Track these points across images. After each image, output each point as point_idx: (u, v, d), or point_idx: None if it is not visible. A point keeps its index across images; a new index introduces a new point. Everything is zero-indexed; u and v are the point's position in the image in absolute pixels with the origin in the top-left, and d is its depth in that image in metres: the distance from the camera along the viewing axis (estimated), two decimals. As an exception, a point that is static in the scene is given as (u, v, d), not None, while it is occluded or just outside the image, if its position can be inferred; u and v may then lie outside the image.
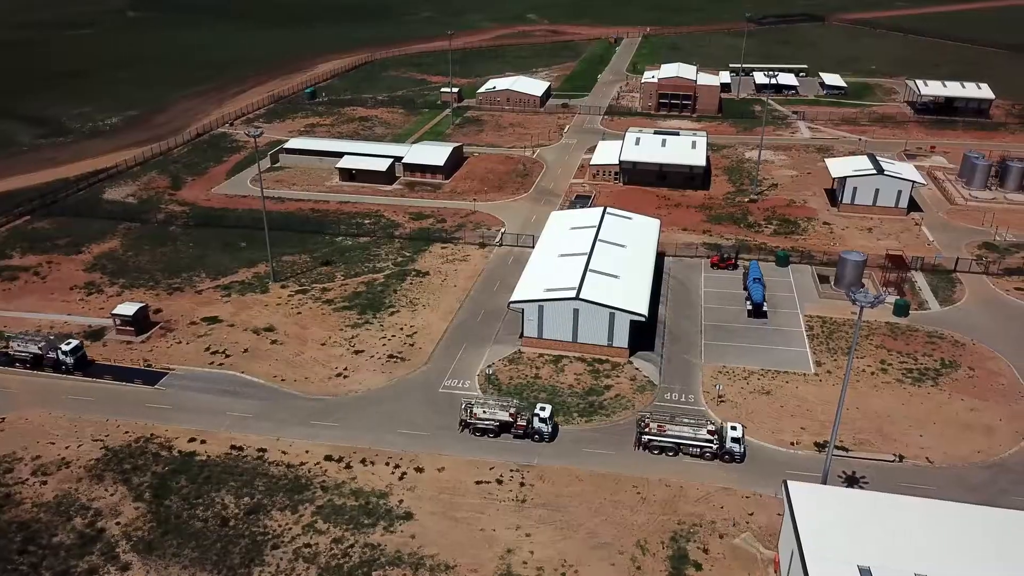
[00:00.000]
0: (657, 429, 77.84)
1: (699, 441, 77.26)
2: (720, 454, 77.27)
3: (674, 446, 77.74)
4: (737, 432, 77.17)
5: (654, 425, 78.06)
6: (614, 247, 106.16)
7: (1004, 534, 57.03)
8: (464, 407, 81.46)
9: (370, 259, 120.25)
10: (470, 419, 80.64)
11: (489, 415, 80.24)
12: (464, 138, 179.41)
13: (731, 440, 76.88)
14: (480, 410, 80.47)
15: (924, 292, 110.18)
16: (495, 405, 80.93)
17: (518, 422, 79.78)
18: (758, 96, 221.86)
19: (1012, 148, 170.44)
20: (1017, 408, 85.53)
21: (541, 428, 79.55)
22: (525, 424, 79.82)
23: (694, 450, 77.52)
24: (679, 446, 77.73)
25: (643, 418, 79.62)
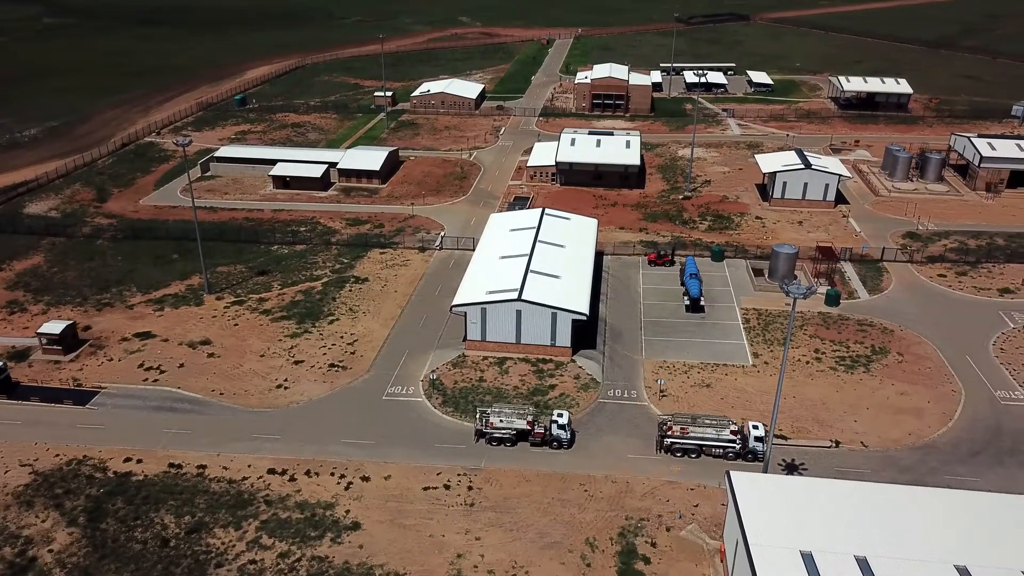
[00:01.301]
0: (680, 432, 77.71)
1: (722, 442, 77.25)
2: (743, 453, 77.37)
3: (697, 448, 77.92)
4: (759, 431, 77.07)
5: (677, 428, 77.84)
6: (554, 247, 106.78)
7: (936, 512, 59.16)
8: (479, 416, 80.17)
9: (307, 267, 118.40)
10: (486, 429, 79.17)
11: (506, 424, 78.78)
12: (399, 142, 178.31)
13: (754, 439, 76.87)
14: (497, 419, 78.94)
15: (853, 282, 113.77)
16: (512, 413, 79.30)
17: (535, 430, 78.73)
18: (689, 95, 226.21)
19: (930, 140, 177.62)
20: (943, 390, 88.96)
21: (560, 435, 78.64)
22: (543, 432, 78.90)
23: (716, 451, 77.61)
24: (701, 447, 77.93)
25: (665, 421, 79.32)
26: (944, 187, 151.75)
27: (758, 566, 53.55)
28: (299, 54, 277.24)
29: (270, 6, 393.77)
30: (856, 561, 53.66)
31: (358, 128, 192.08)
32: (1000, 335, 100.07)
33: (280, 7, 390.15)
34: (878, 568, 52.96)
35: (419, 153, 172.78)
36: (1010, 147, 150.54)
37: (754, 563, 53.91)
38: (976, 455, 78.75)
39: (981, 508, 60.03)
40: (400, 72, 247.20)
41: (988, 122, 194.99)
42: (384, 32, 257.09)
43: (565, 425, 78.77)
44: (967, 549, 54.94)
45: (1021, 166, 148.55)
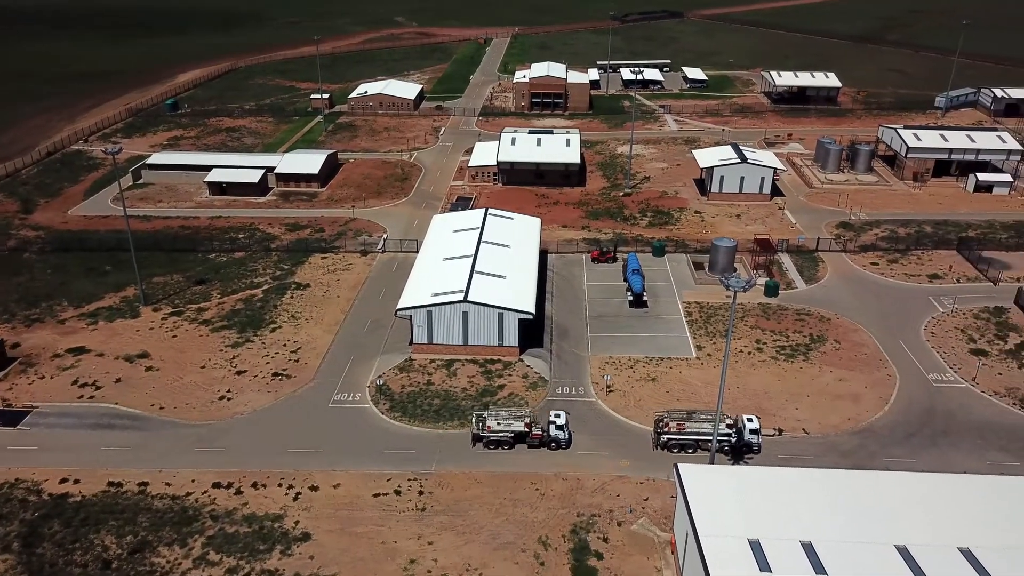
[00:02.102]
0: (676, 428, 78.14)
1: (719, 435, 77.72)
2: (739, 447, 78.06)
3: (693, 443, 78.37)
4: (754, 424, 77.83)
5: (673, 424, 78.35)
6: (498, 247, 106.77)
7: (877, 495, 60.97)
8: (475, 420, 79.60)
9: (247, 275, 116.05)
10: (483, 432, 78.51)
11: (504, 427, 78.32)
12: (338, 144, 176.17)
13: (749, 432, 77.56)
14: (494, 422, 78.38)
15: (791, 272, 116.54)
16: (509, 416, 78.77)
17: (533, 431, 78.35)
18: (626, 92, 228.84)
19: (859, 133, 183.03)
20: (879, 375, 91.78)
21: (559, 436, 78.35)
22: (541, 433, 78.56)
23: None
24: (698, 442, 78.37)
25: (661, 418, 79.62)
26: (874, 177, 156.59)
27: (708, 556, 54.39)
28: (232, 57, 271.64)
29: (199, 8, 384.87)
30: (802, 546, 54.91)
31: (295, 131, 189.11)
32: (930, 319, 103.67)
33: (210, 9, 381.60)
34: (823, 552, 54.31)
35: (358, 155, 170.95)
36: (934, 137, 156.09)
37: (704, 553, 54.74)
38: (912, 437, 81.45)
39: (919, 489, 62.06)
40: (336, 74, 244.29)
41: (913, 113, 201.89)
42: (319, 33, 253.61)
43: (563, 425, 78.74)
44: (907, 529, 56.72)
45: (945, 156, 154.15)
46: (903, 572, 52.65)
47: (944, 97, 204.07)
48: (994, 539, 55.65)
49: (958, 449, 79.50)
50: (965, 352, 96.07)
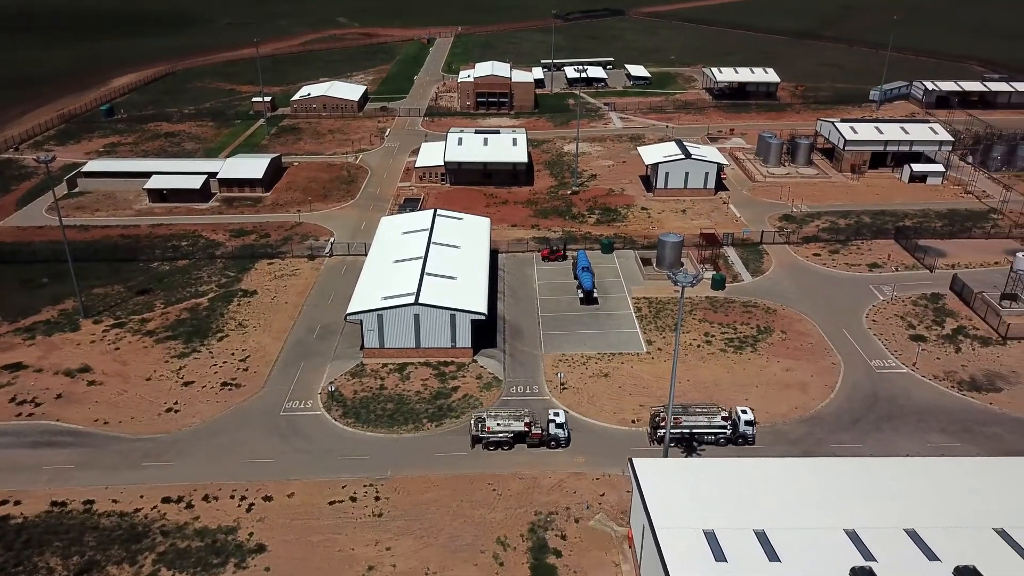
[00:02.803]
0: (673, 422, 78.60)
1: (714, 428, 78.84)
2: (734, 438, 79.14)
3: (689, 436, 79.11)
4: (749, 415, 79.38)
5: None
6: (448, 248, 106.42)
7: (826, 481, 62.46)
8: (474, 422, 79.18)
9: (191, 283, 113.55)
10: (482, 433, 78.10)
11: (503, 427, 78.06)
12: (282, 148, 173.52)
13: (744, 424, 78.88)
14: (493, 423, 78.04)
15: (737, 265, 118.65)
16: (508, 416, 78.69)
17: (533, 431, 78.25)
18: (571, 90, 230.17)
19: (799, 126, 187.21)
20: (824, 364, 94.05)
21: (558, 434, 78.50)
22: (541, 432, 78.58)
23: (708, 437, 79.12)
24: (693, 436, 79.13)
25: (658, 412, 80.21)
26: (813, 170, 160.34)
27: (664, 549, 55.03)
28: (169, 60, 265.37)
29: (133, 10, 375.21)
30: (756, 535, 55.95)
31: (237, 135, 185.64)
32: (871, 307, 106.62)
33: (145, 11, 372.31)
34: (775, 540, 55.42)
35: (303, 158, 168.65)
36: (870, 130, 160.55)
37: (661, 546, 55.36)
38: (857, 422, 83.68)
39: (865, 473, 63.75)
40: (278, 76, 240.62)
41: (849, 107, 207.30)
42: (259, 35, 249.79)
43: (563, 424, 78.90)
44: (855, 513, 58.21)
45: (881, 148, 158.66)
46: (852, 555, 54.04)
47: (878, 91, 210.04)
48: (937, 519, 57.47)
49: (901, 433, 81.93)
50: (905, 338, 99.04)
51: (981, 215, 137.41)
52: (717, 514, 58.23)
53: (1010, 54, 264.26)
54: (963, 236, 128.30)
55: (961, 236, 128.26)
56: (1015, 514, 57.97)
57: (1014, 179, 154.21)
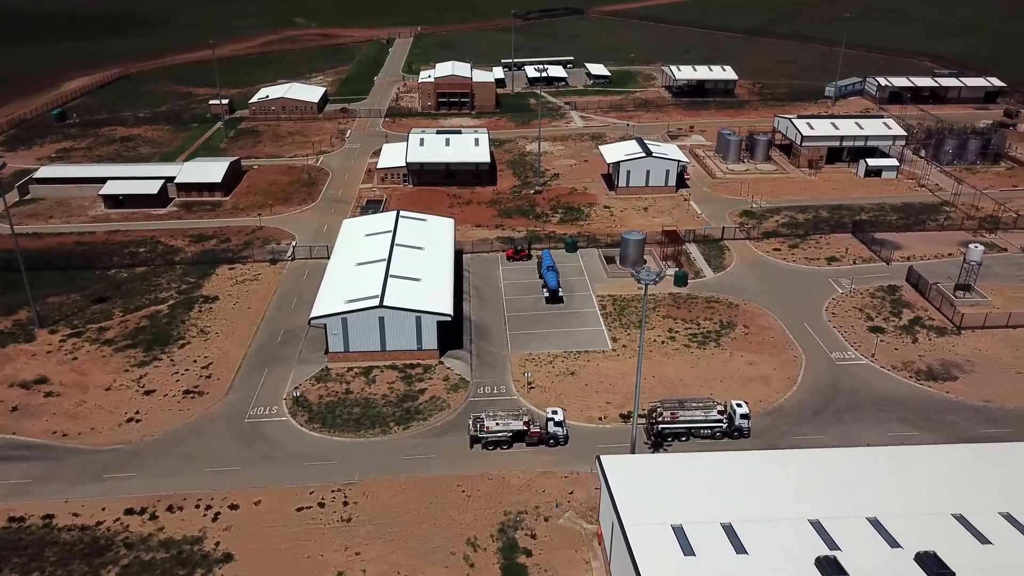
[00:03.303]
0: (671, 417, 79.40)
1: (710, 422, 79.69)
2: (730, 432, 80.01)
3: (686, 431, 79.77)
4: (744, 408, 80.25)
5: (667, 414, 79.70)
6: (412, 250, 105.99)
7: (790, 472, 63.50)
8: (473, 422, 79.16)
9: (151, 290, 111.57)
10: (481, 433, 78.04)
11: (503, 426, 78.18)
12: (241, 151, 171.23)
13: (740, 417, 79.83)
14: (492, 422, 78.17)
15: (699, 262, 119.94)
16: (507, 415, 79.06)
17: (532, 430, 78.51)
18: (532, 89, 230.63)
19: (757, 123, 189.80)
20: (786, 357, 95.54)
21: (557, 432, 78.93)
22: (540, 431, 78.73)
23: (705, 431, 79.92)
24: (690, 430, 79.81)
25: (654, 408, 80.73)
26: (772, 166, 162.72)
27: (634, 545, 55.51)
28: (123, 63, 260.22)
29: (84, 12, 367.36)
30: (723, 528, 56.69)
31: (195, 139, 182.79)
32: (831, 300, 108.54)
33: (96, 13, 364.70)
34: (742, 532, 56.21)
35: (263, 161, 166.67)
36: (826, 126, 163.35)
37: (630, 542, 55.84)
38: (819, 414, 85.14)
39: (828, 464, 64.94)
40: (236, 78, 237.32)
41: (805, 103, 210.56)
42: (215, 36, 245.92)
43: (561, 422, 79.24)
44: (819, 503, 59.27)
45: (837, 143, 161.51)
46: (817, 544, 55.02)
47: (833, 87, 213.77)
48: (898, 507, 58.76)
49: (861, 423, 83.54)
50: (864, 330, 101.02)
51: (934, 208, 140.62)
52: (685, 509, 58.89)
53: (959, 50, 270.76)
54: (917, 229, 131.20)
55: (916, 229, 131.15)
56: (972, 499, 59.52)
57: (965, 172, 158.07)
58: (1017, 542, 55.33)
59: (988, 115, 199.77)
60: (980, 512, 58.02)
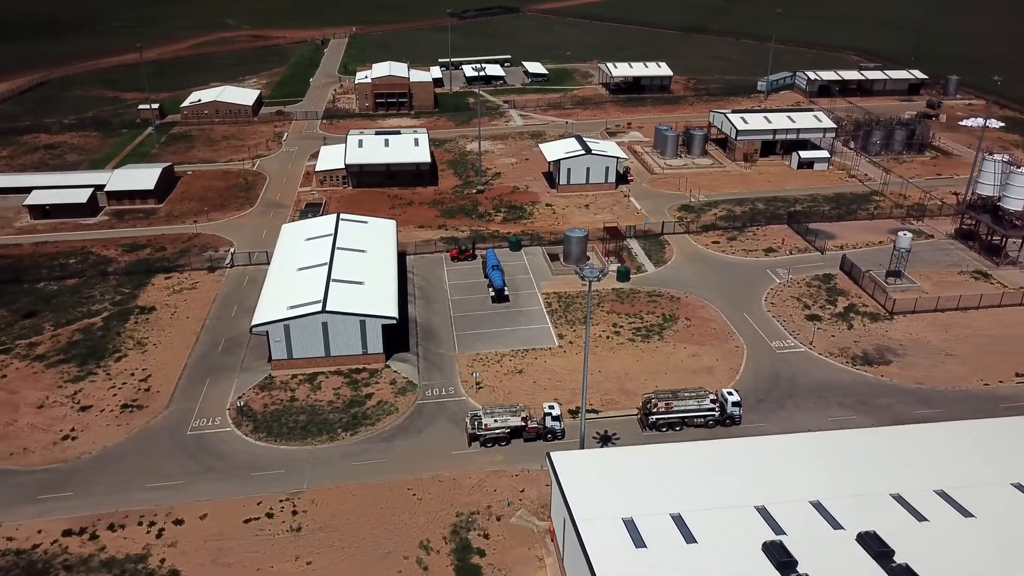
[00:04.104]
0: (664, 407, 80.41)
1: (703, 411, 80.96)
2: (722, 420, 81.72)
3: (680, 421, 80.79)
4: (735, 397, 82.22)
5: (661, 404, 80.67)
6: (354, 253, 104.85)
7: (736, 460, 64.79)
8: (470, 419, 79.26)
9: (83, 302, 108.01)
10: (479, 431, 77.83)
11: (501, 423, 78.37)
12: (174, 157, 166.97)
13: (732, 405, 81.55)
14: (490, 419, 78.29)
15: (640, 257, 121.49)
16: (504, 412, 79.36)
17: (530, 425, 78.95)
18: (470, 89, 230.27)
19: (693, 118, 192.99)
20: (728, 347, 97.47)
21: (555, 426, 79.51)
22: (538, 426, 79.26)
23: (698, 420, 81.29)
24: (684, 420, 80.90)
25: (649, 399, 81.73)
26: (709, 160, 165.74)
27: (586, 539, 55.91)
28: (44, 67, 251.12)
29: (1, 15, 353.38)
30: (672, 519, 57.50)
31: (124, 145, 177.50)
32: (769, 290, 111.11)
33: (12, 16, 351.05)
34: (691, 522, 57.10)
35: (197, 167, 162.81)
36: (760, 120, 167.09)
37: (582, 537, 56.22)
38: (761, 402, 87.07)
39: (771, 450, 66.45)
40: (166, 82, 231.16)
41: (739, 98, 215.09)
42: (143, 39, 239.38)
43: (559, 416, 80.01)
44: (764, 489, 60.59)
45: (770, 136, 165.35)
46: (763, 530, 56.23)
47: (765, 81, 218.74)
48: (840, 489, 60.46)
49: (802, 409, 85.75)
50: (802, 318, 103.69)
51: (864, 197, 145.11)
52: (635, 501, 59.55)
53: (883, 44, 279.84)
54: (849, 218, 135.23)
55: (848, 218, 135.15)
56: (909, 478, 61.60)
57: (892, 162, 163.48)
58: (951, 517, 57.48)
59: (912, 106, 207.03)
60: (916, 491, 60.08)
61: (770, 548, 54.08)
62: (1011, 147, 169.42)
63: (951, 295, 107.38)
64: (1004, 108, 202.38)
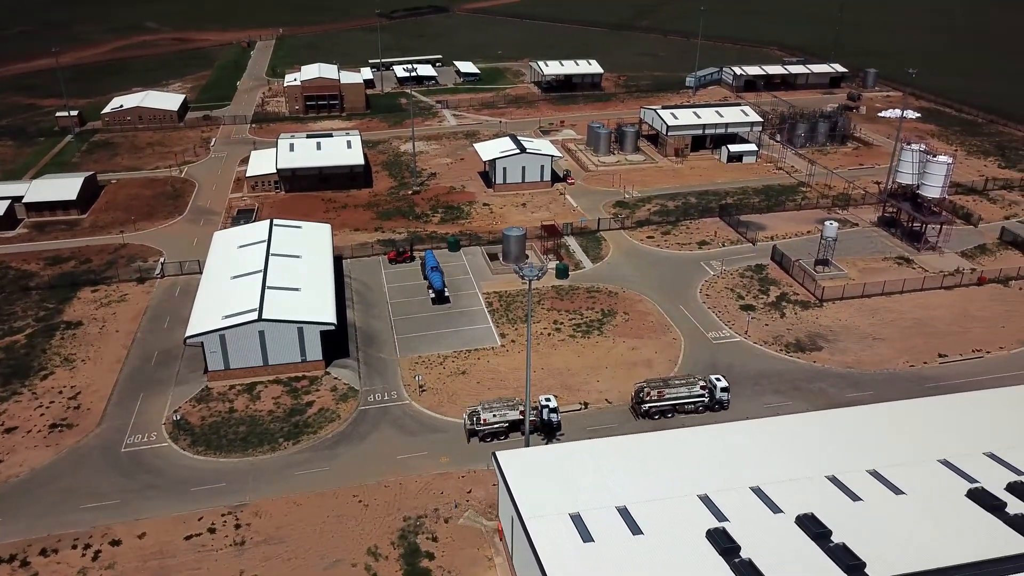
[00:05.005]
0: (657, 395, 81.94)
1: (694, 397, 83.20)
2: (712, 405, 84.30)
3: (671, 407, 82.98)
4: (723, 383, 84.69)
5: (654, 392, 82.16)
6: (289, 259, 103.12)
7: (677, 451, 66.06)
8: (469, 415, 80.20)
9: (3, 319, 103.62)
10: (478, 427, 78.82)
11: (499, 417, 79.43)
12: (96, 165, 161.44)
13: (720, 390, 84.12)
14: (489, 414, 79.20)
15: (578, 253, 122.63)
16: (502, 406, 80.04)
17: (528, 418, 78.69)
18: (402, 89, 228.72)
19: (624, 115, 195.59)
20: (666, 340, 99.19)
21: (552, 418, 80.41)
22: (536, 419, 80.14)
23: (689, 407, 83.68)
24: (675, 406, 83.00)
25: (641, 388, 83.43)
26: (641, 156, 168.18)
27: (534, 536, 56.25)
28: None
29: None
30: (618, 512, 58.29)
31: (43, 154, 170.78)
32: (704, 283, 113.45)
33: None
34: (637, 513, 57.98)
35: (122, 175, 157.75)
36: (689, 115, 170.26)
37: (530, 534, 56.54)
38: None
39: (713, 439, 67.92)
40: (85, 87, 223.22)
41: (668, 94, 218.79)
42: (58, 43, 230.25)
43: (556, 409, 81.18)
44: (705, 478, 61.90)
45: (700, 131, 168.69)
46: (707, 518, 57.46)
47: (693, 77, 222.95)
48: (777, 474, 62.19)
49: (739, 397, 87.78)
50: (736, 309, 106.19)
51: (792, 189, 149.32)
52: (581, 496, 60.16)
53: (804, 39, 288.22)
54: (778, 209, 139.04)
55: (777, 209, 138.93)
56: (843, 460, 63.75)
57: (817, 154, 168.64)
58: (884, 496, 59.71)
59: (834, 99, 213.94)
60: (850, 472, 62.23)
61: (714, 535, 55.33)
62: (928, 136, 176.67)
63: (876, 281, 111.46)
64: (920, 99, 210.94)
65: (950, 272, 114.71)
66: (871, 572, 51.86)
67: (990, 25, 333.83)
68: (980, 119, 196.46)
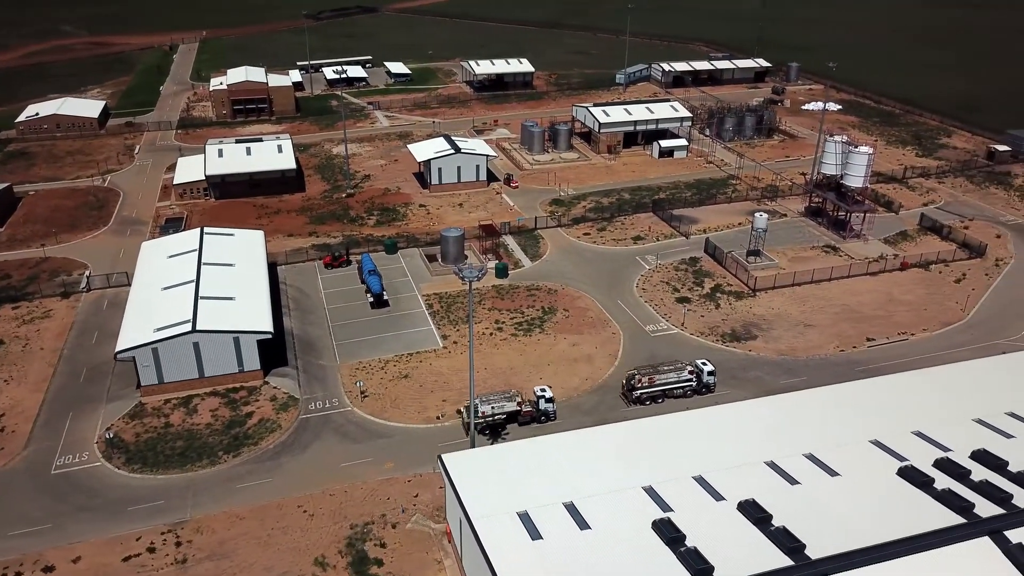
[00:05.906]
0: (648, 382, 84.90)
1: (682, 382, 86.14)
2: (699, 388, 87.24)
3: (661, 393, 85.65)
4: (709, 367, 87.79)
5: (644, 379, 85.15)
6: (222, 267, 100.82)
7: (621, 445, 66.87)
8: (464, 411, 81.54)
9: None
10: (478, 419, 79.54)
11: (498, 409, 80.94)
12: (12, 176, 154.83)
13: (707, 375, 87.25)
14: (487, 407, 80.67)
15: (516, 252, 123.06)
16: (500, 398, 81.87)
17: (524, 409, 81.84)
18: (332, 91, 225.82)
19: (557, 113, 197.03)
20: (606, 335, 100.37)
21: (548, 408, 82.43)
22: (532, 410, 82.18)
23: (678, 391, 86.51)
24: (665, 392, 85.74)
25: (632, 375, 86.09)
26: (575, 154, 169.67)
27: (483, 536, 56.24)
28: None
29: None
30: (565, 508, 58.72)
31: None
32: (640, 277, 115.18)
33: None
34: (583, 508, 58.47)
35: (40, 186, 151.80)
36: (620, 112, 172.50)
37: (479, 535, 56.51)
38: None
39: (654, 430, 69.05)
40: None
41: (599, 91, 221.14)
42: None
43: (551, 399, 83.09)
44: (650, 470, 62.82)
45: (632, 128, 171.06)
46: (652, 509, 58.28)
47: (623, 74, 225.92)
48: (718, 462, 63.51)
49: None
50: (672, 301, 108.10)
51: (723, 182, 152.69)
52: (528, 494, 60.38)
53: (728, 35, 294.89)
54: (710, 203, 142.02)
55: (708, 203, 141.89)
56: (780, 445, 65.50)
57: (745, 147, 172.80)
58: (820, 479, 61.55)
59: (759, 93, 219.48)
60: (788, 456, 63.94)
61: (659, 526, 56.18)
62: (849, 128, 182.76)
63: (806, 270, 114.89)
64: (840, 92, 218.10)
65: (874, 259, 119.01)
66: (811, 553, 53.42)
67: (906, 18, 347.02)
68: (897, 110, 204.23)
